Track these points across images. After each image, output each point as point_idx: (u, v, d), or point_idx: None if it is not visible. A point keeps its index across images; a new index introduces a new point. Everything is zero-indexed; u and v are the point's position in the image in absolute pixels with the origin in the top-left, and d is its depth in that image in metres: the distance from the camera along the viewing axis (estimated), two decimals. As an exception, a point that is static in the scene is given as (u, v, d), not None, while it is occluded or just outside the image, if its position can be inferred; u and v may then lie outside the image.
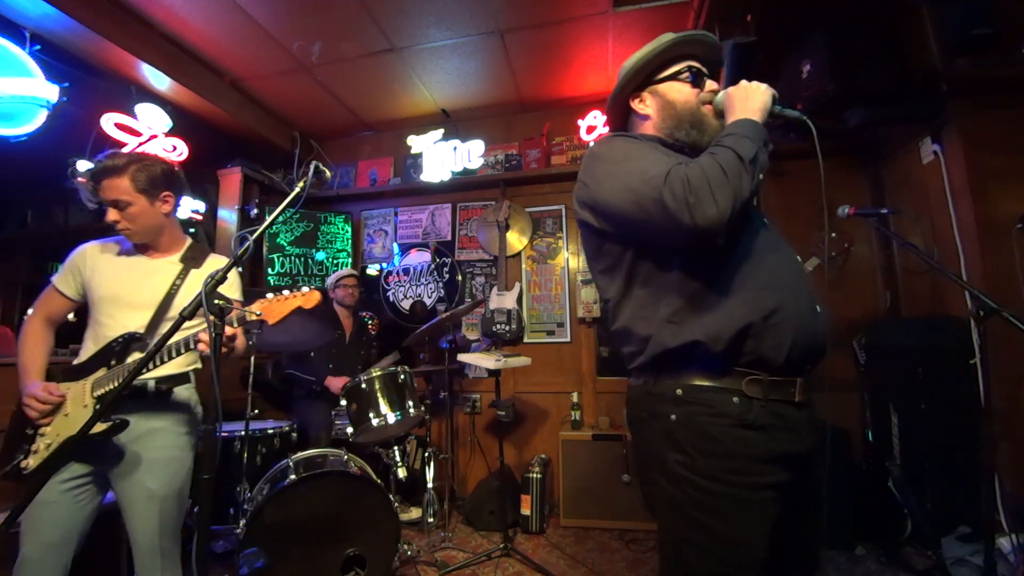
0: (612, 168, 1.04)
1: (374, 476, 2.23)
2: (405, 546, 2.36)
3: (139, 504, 1.45)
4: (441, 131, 3.80)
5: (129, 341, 1.46)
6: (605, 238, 1.09)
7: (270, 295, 1.48)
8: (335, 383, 2.88)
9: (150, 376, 1.46)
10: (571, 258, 3.67)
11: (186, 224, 3.90)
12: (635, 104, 1.20)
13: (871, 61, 2.39)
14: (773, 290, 0.97)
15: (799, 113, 1.10)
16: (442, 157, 3.74)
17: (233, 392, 3.07)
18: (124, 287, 1.51)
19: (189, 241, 1.65)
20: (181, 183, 1.62)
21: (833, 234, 2.25)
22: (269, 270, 3.66)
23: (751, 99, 1.04)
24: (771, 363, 0.95)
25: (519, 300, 3.61)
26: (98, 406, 1.39)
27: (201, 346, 1.37)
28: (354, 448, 2.41)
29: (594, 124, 3.50)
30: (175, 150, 3.16)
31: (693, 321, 0.98)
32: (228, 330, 1.35)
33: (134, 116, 2.98)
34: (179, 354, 1.39)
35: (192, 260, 1.61)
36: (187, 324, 1.31)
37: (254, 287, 3.60)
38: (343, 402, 2.42)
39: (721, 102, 1.09)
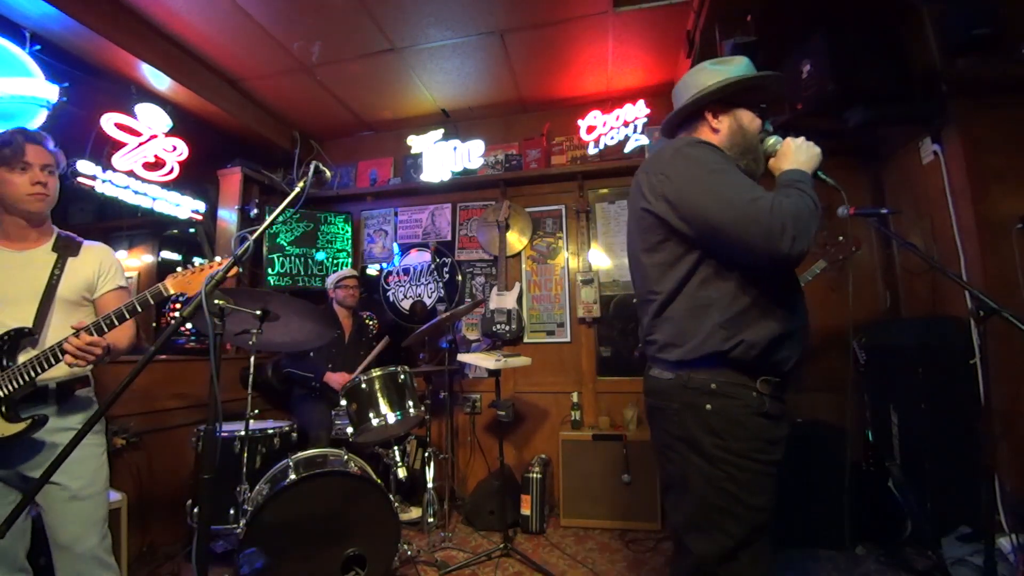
0: (708, 176, 1.12)
1: (374, 476, 2.23)
2: (405, 546, 2.35)
3: (61, 506, 1.42)
4: (441, 131, 3.80)
5: (17, 337, 1.41)
6: (675, 235, 1.16)
7: (179, 269, 1.49)
8: (334, 378, 2.88)
9: (49, 377, 1.42)
10: (571, 258, 3.67)
11: (186, 224, 3.91)
12: (710, 117, 1.27)
13: (871, 61, 2.39)
14: (798, 312, 1.18)
15: (835, 182, 1.27)
16: (442, 157, 3.73)
17: (233, 392, 3.07)
18: None
19: (57, 231, 1.59)
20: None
21: (841, 237, 2.25)
22: (269, 270, 3.66)
23: (812, 158, 1.21)
24: (779, 369, 1.15)
25: (519, 300, 3.61)
26: (3, 408, 1.35)
27: (67, 358, 1.35)
28: (354, 448, 2.41)
29: (594, 124, 3.49)
30: (175, 150, 3.16)
31: (740, 328, 1.12)
32: (84, 338, 1.35)
33: (134, 116, 2.98)
34: (58, 360, 1.37)
35: (66, 249, 1.55)
36: (59, 326, 1.36)
37: (254, 287, 3.61)
38: (343, 402, 2.42)
39: (774, 146, 1.24)
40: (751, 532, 1.11)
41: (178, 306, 4.50)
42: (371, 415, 2.35)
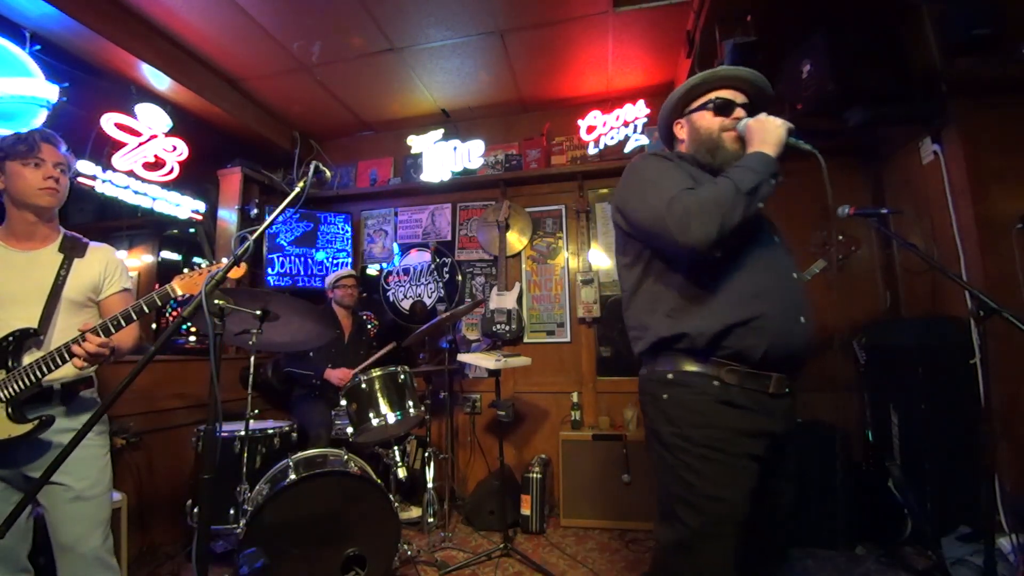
0: (641, 183, 1.24)
1: (374, 476, 2.23)
2: (405, 546, 2.35)
3: (64, 506, 1.43)
4: (441, 131, 3.80)
5: (22, 338, 1.41)
6: (630, 238, 1.30)
7: (186, 270, 1.51)
8: (334, 374, 2.89)
9: (55, 378, 1.43)
10: (571, 258, 3.67)
11: (186, 224, 3.91)
12: (676, 129, 1.42)
13: (871, 61, 2.39)
14: (759, 300, 1.15)
15: (811, 147, 1.23)
16: (442, 157, 3.73)
17: (233, 392, 3.07)
18: (3, 284, 1.45)
19: (63, 232, 1.60)
20: None
21: (840, 236, 2.25)
22: (269, 270, 3.66)
23: (767, 133, 1.19)
24: (748, 359, 1.13)
25: (519, 300, 3.61)
26: (9, 409, 1.36)
27: (76, 360, 1.36)
28: (354, 448, 2.41)
29: (594, 124, 3.49)
30: (175, 150, 3.16)
31: (686, 317, 1.17)
32: (93, 341, 1.36)
33: (134, 116, 2.97)
34: (65, 361, 1.38)
35: (73, 250, 1.56)
36: (65, 326, 1.36)
37: (254, 287, 3.61)
38: (343, 402, 2.42)
39: (743, 131, 1.24)
40: (710, 523, 1.10)
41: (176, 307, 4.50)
42: (371, 415, 2.35)
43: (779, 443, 1.18)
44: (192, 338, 4.69)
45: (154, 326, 4.73)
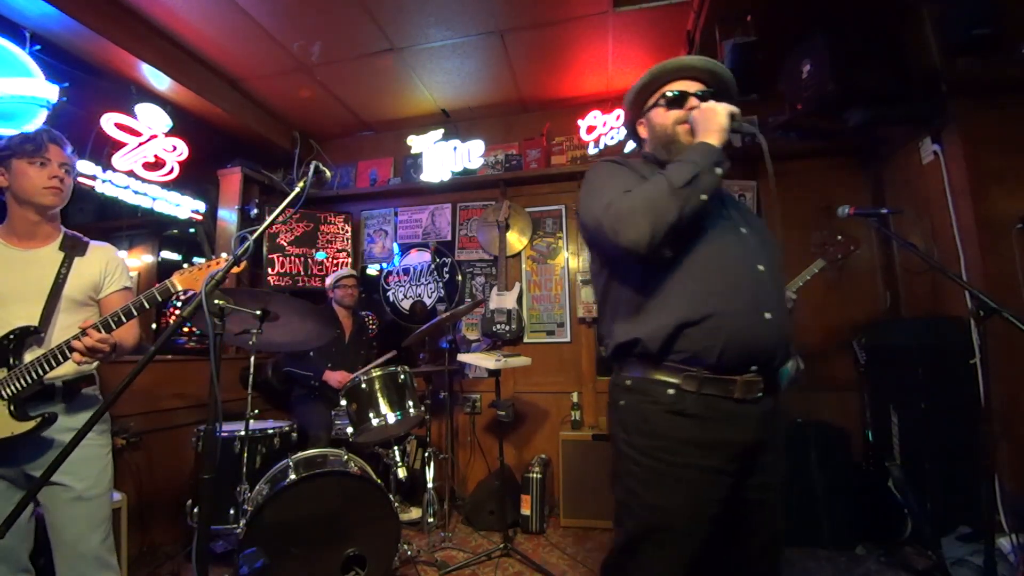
0: (589, 190, 1.22)
1: (374, 476, 2.23)
2: (405, 546, 2.35)
3: (65, 506, 1.43)
4: (441, 131, 3.80)
5: (23, 336, 1.42)
6: (591, 247, 1.30)
7: (186, 265, 1.51)
8: (333, 376, 2.89)
9: (56, 375, 1.43)
10: (571, 258, 3.67)
11: (186, 224, 3.91)
12: (640, 129, 1.38)
13: (871, 61, 2.39)
14: (712, 298, 1.08)
15: (754, 129, 1.18)
16: (442, 157, 3.73)
17: (233, 392, 3.07)
18: (4, 282, 1.45)
19: (64, 231, 1.60)
20: None
21: (840, 236, 2.25)
22: (269, 270, 3.66)
23: (709, 121, 1.14)
24: (705, 361, 1.07)
25: (519, 300, 3.60)
26: (11, 407, 1.36)
27: (75, 356, 1.36)
28: (354, 448, 2.41)
29: (594, 124, 3.49)
30: (175, 150, 3.16)
31: (640, 322, 1.14)
32: (93, 336, 1.36)
33: (134, 116, 2.97)
34: (66, 358, 1.38)
35: (73, 249, 1.57)
36: (65, 325, 1.38)
37: (254, 287, 3.61)
38: (343, 402, 2.42)
39: (693, 123, 1.20)
40: (646, 531, 1.10)
41: (179, 305, 4.51)
42: (371, 415, 2.35)
43: (753, 451, 1.10)
44: (187, 339, 4.67)
45: (154, 326, 4.73)
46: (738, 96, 1.30)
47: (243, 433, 2.06)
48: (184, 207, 3.41)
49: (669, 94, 1.26)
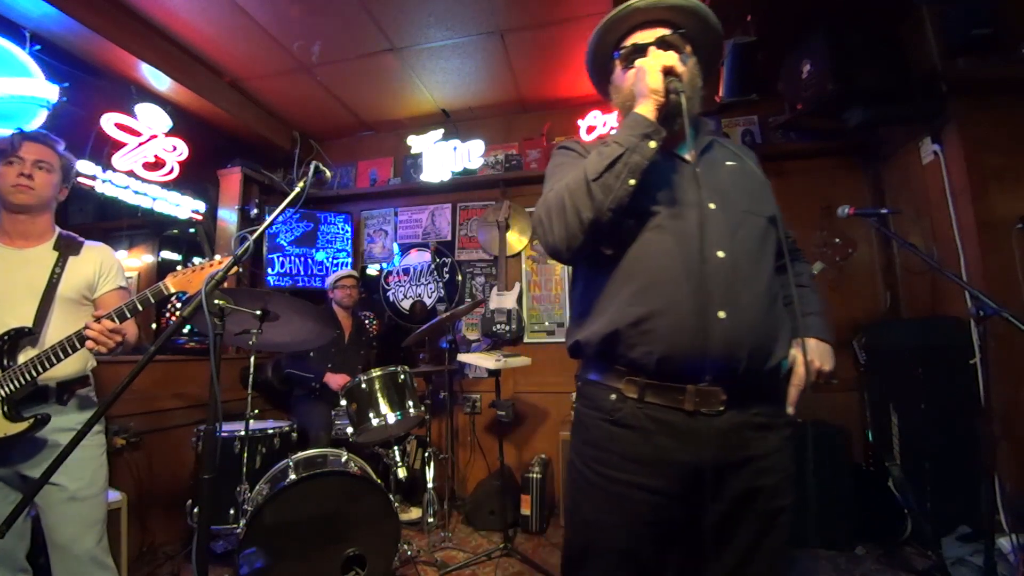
0: (544, 183, 1.12)
1: (374, 476, 2.22)
2: (405, 546, 2.35)
3: (59, 507, 1.43)
4: (441, 131, 3.80)
5: (17, 337, 1.42)
6: None
7: (179, 267, 1.51)
8: (334, 379, 2.88)
9: (50, 376, 1.43)
10: (571, 258, 3.67)
11: (186, 224, 3.91)
12: (614, 98, 1.16)
13: (871, 61, 2.39)
14: (648, 296, 0.94)
15: (682, 86, 0.93)
16: (442, 157, 3.73)
17: (233, 392, 3.07)
18: None
19: (58, 230, 1.61)
20: (70, 188, 1.66)
21: (837, 239, 2.24)
22: (269, 270, 3.66)
23: (640, 83, 0.95)
24: (645, 368, 0.94)
25: (519, 300, 3.60)
26: (5, 408, 1.36)
27: (89, 343, 1.37)
28: (354, 448, 2.41)
29: (594, 124, 3.49)
30: (175, 150, 3.16)
31: (583, 323, 1.04)
32: (107, 324, 1.37)
33: (134, 116, 2.97)
34: (67, 354, 1.38)
35: (67, 248, 1.57)
36: (60, 325, 1.38)
37: (254, 287, 3.61)
38: (343, 402, 2.42)
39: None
40: (585, 545, 1.02)
41: (179, 304, 4.50)
42: (371, 415, 2.35)
43: (718, 472, 0.91)
44: (187, 340, 4.66)
45: (154, 326, 4.73)
46: (721, 35, 1.09)
47: (243, 433, 2.06)
48: (184, 207, 3.41)
49: (622, 50, 1.05)
